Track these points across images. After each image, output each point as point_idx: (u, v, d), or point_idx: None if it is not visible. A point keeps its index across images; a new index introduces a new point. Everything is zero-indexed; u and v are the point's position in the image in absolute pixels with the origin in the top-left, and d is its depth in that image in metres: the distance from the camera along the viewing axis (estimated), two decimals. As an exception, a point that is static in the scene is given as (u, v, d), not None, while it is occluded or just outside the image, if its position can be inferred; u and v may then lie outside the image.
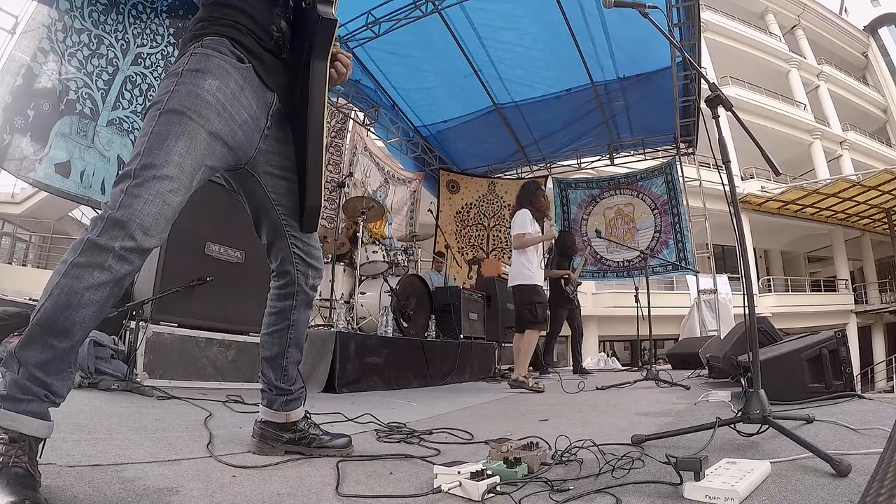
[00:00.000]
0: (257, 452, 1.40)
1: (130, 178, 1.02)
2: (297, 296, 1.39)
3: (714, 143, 1.65)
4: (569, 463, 1.32)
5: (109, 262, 0.96)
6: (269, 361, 1.41)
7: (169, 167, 1.04)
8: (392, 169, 8.28)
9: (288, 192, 1.33)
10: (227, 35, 1.20)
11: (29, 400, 0.92)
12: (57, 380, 0.95)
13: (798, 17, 21.25)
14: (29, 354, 0.92)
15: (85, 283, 0.95)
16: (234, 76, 1.17)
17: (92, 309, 0.96)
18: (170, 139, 1.05)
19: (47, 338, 0.93)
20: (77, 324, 0.95)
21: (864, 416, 1.79)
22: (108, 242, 0.97)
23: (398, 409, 2.67)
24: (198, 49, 1.17)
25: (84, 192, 4.00)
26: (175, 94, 1.10)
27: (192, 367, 2.77)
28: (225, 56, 1.18)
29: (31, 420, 0.91)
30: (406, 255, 5.30)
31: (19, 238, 16.35)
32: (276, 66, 1.28)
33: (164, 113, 1.08)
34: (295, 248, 1.36)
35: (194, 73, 1.13)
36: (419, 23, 5.82)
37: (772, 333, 3.24)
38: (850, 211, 16.44)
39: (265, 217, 1.35)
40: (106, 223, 0.98)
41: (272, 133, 1.30)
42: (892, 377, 15.76)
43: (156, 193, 1.01)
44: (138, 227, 0.98)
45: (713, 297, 7.64)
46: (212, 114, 1.11)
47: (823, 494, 1.01)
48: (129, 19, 4.36)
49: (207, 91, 1.12)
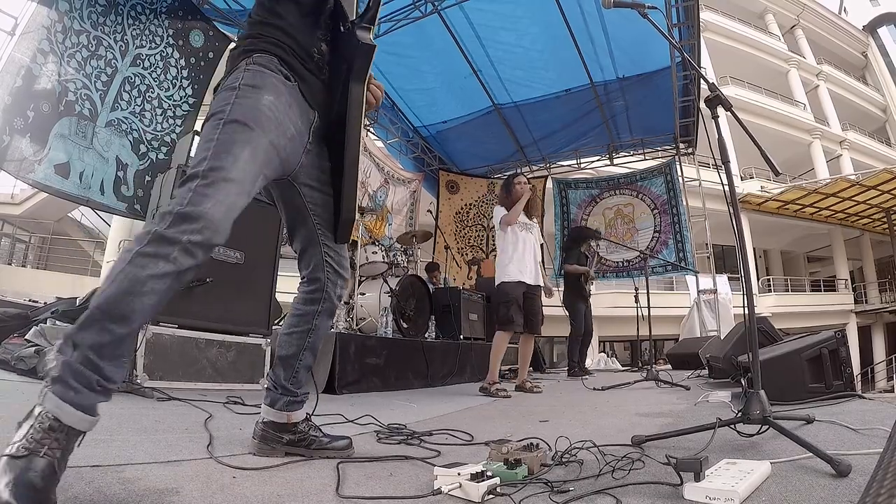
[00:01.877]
0: (258, 453, 1.41)
1: (199, 178, 1.06)
2: (324, 302, 1.45)
3: (714, 143, 1.65)
4: (569, 464, 1.32)
5: (175, 254, 0.99)
6: (282, 360, 1.45)
7: (235, 171, 1.09)
8: (392, 169, 8.28)
9: (324, 204, 1.41)
10: (275, 53, 1.26)
11: (77, 389, 0.91)
12: (110, 364, 0.95)
13: (797, 17, 21.26)
14: (85, 336, 0.93)
15: (149, 272, 0.97)
16: (284, 93, 1.25)
17: (152, 298, 0.98)
18: (236, 146, 1.12)
19: (106, 322, 0.94)
20: (136, 311, 0.96)
21: (865, 416, 1.80)
22: (177, 235, 1.00)
23: (398, 410, 2.67)
24: (251, 65, 1.23)
25: (83, 192, 4.00)
26: (236, 105, 1.16)
27: (191, 369, 2.76)
28: (275, 74, 1.25)
29: (75, 412, 0.90)
30: (406, 256, 5.30)
31: (19, 239, 16.35)
32: (317, 86, 1.35)
33: (227, 123, 1.14)
34: (328, 256, 1.44)
35: (252, 88, 1.20)
36: (419, 23, 5.82)
37: (772, 333, 3.24)
38: (849, 210, 16.44)
39: (301, 226, 1.42)
40: (175, 218, 1.01)
41: (312, 148, 1.37)
42: (892, 377, 15.75)
43: (225, 194, 1.07)
44: (207, 225, 1.03)
45: (713, 297, 7.64)
46: (270, 126, 1.19)
47: (823, 495, 1.01)
48: (128, 20, 4.36)
49: (265, 105, 1.19)
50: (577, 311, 5.90)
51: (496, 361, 3.65)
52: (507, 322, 3.63)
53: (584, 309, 5.95)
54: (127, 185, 4.30)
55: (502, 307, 3.68)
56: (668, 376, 4.20)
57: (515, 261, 3.75)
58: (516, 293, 3.68)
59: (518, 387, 3.85)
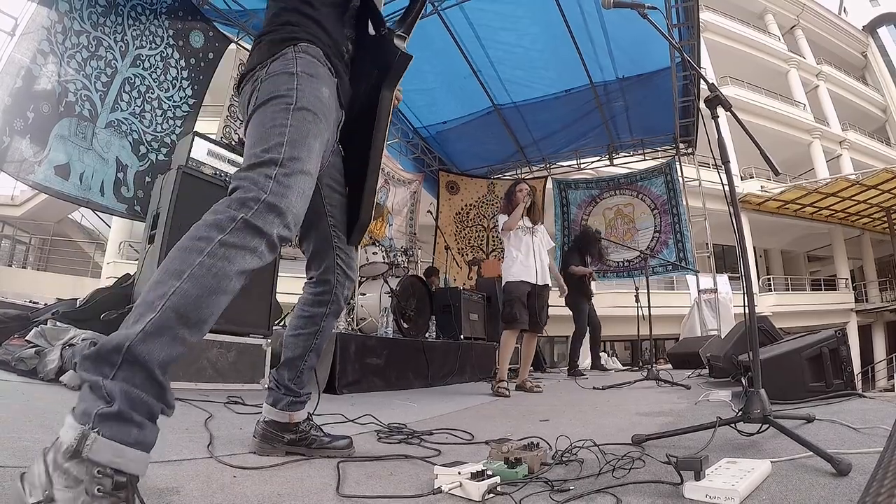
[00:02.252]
0: (258, 452, 1.41)
1: (277, 165, 0.97)
2: (332, 304, 1.43)
3: (714, 143, 1.65)
4: (569, 463, 1.32)
5: (263, 248, 0.88)
6: (288, 362, 1.45)
7: (310, 164, 1.03)
8: (392, 170, 8.28)
9: (339, 205, 1.39)
10: (321, 47, 1.21)
11: (141, 424, 0.69)
12: (169, 387, 0.76)
13: (797, 17, 21.26)
14: (155, 348, 0.72)
15: (238, 266, 0.84)
16: (331, 88, 1.21)
17: (228, 298, 0.83)
18: (310, 137, 1.05)
19: (181, 328, 0.76)
20: (215, 314, 0.81)
21: (865, 415, 1.80)
22: (268, 227, 0.89)
23: (399, 409, 2.67)
24: (300, 54, 1.15)
25: (83, 194, 4.00)
26: (301, 93, 1.08)
27: (192, 369, 2.76)
28: (324, 66, 1.20)
29: (140, 455, 0.69)
30: (406, 256, 5.30)
31: (19, 240, 16.35)
32: (346, 86, 1.32)
33: (297, 109, 1.06)
34: (339, 258, 1.41)
35: (310, 77, 1.13)
36: (418, 23, 5.77)
37: (772, 333, 3.24)
38: (849, 210, 16.43)
39: (316, 226, 1.37)
40: (262, 206, 0.90)
41: (335, 148, 1.36)
42: (892, 376, 15.73)
43: (305, 187, 1.00)
44: (294, 219, 0.94)
45: (713, 296, 7.64)
46: (330, 118, 1.16)
47: (824, 494, 1.01)
48: (129, 21, 4.36)
49: (324, 97, 1.14)
50: (580, 310, 5.95)
51: (504, 360, 3.72)
52: (511, 320, 3.68)
53: (588, 308, 6.00)
54: (127, 187, 4.31)
55: (506, 306, 3.75)
56: (669, 375, 4.20)
57: (518, 262, 3.82)
58: (519, 292, 3.73)
59: (518, 386, 3.86)
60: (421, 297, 4.90)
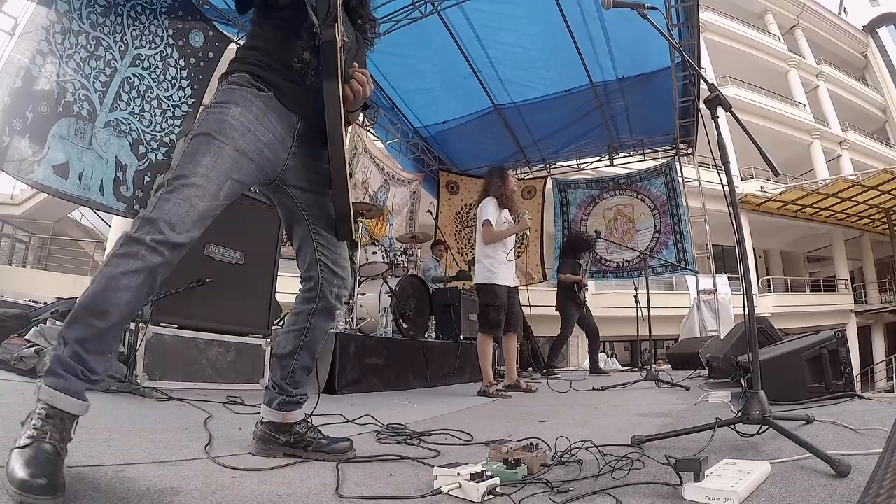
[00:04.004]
0: (256, 453, 1.42)
1: (164, 187, 1.19)
2: (319, 301, 1.47)
3: (713, 143, 1.65)
4: (568, 464, 1.32)
5: (142, 252, 1.10)
6: (279, 359, 1.48)
7: (195, 177, 1.19)
8: (392, 170, 8.28)
9: (317, 204, 1.46)
10: (248, 71, 1.36)
11: (66, 377, 1.02)
12: (95, 358, 1.06)
13: (797, 17, 21.26)
14: (70, 332, 1.05)
15: (121, 269, 1.09)
16: (255, 103, 1.32)
17: (126, 294, 1.09)
18: (198, 155, 1.22)
19: (88, 317, 1.06)
20: (113, 305, 1.07)
21: (864, 417, 1.80)
22: (141, 236, 1.12)
23: (398, 410, 2.67)
24: (224, 86, 1.35)
25: (83, 193, 4.00)
26: (205, 121, 1.28)
27: (191, 369, 2.76)
28: (246, 87, 1.33)
29: (67, 398, 1.01)
30: (406, 256, 5.30)
31: (19, 239, 16.34)
32: (299, 92, 1.40)
33: (195, 136, 1.26)
34: (321, 255, 1.47)
35: (220, 104, 1.31)
36: (418, 23, 5.82)
37: (771, 334, 3.24)
38: (849, 211, 16.44)
39: (296, 225, 1.48)
40: (141, 221, 1.15)
41: (300, 152, 1.42)
42: (891, 377, 15.76)
43: (183, 198, 1.17)
44: (166, 223, 1.13)
45: (713, 297, 7.64)
46: (236, 134, 1.27)
47: (823, 495, 1.01)
48: (128, 21, 4.36)
49: (231, 116, 1.28)
50: (568, 316, 6.01)
51: (487, 365, 3.66)
52: (495, 326, 3.67)
53: (577, 316, 6.07)
54: (126, 186, 4.30)
55: (493, 311, 3.66)
56: (668, 376, 4.20)
57: (503, 264, 3.75)
58: (505, 297, 3.71)
59: (510, 386, 3.80)
60: (420, 297, 4.90)
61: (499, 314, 3.64)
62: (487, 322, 3.68)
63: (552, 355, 6.17)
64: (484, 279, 3.72)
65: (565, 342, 6.23)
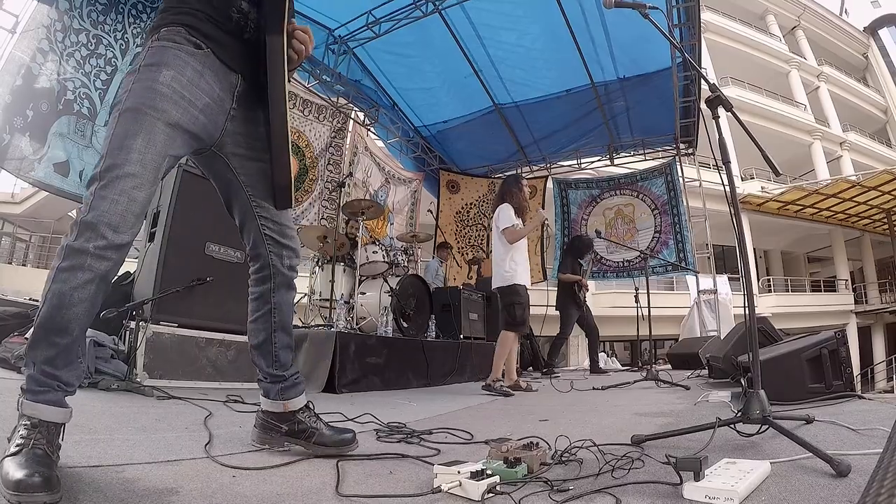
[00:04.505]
0: (257, 442, 1.40)
1: (97, 180, 1.08)
2: (275, 277, 1.39)
3: (714, 143, 1.65)
4: (569, 463, 1.32)
5: (89, 262, 1.04)
6: (257, 349, 1.41)
7: (130, 165, 1.08)
8: (393, 169, 8.28)
9: (258, 173, 1.34)
10: (183, 23, 1.20)
11: (45, 391, 1.03)
12: (66, 371, 1.05)
13: (798, 18, 21.24)
14: (36, 353, 1.04)
15: (71, 284, 1.04)
16: (190, 63, 1.19)
17: (83, 306, 1.05)
18: (128, 138, 1.10)
19: (49, 336, 1.04)
20: (72, 321, 1.04)
21: (864, 417, 1.79)
22: (84, 244, 1.04)
23: (398, 409, 2.67)
24: (154, 43, 1.19)
25: (83, 191, 4.00)
26: (132, 92, 1.14)
27: (191, 368, 2.76)
28: (181, 45, 1.19)
29: (48, 408, 1.02)
30: (406, 256, 5.30)
31: (19, 238, 16.34)
32: (238, 47, 1.28)
33: (122, 113, 1.13)
34: (266, 228, 1.37)
35: (149, 67, 1.16)
36: (419, 23, 5.81)
37: (772, 334, 3.24)
38: (850, 211, 16.43)
39: (234, 198, 1.36)
40: (80, 227, 1.05)
41: (238, 114, 1.30)
42: (892, 377, 15.76)
43: (120, 192, 1.07)
44: (107, 226, 1.05)
45: (713, 297, 7.64)
46: (168, 105, 1.14)
47: (823, 495, 1.01)
48: (129, 19, 4.36)
49: (162, 83, 1.14)
50: (568, 315, 6.03)
51: (502, 361, 3.70)
52: (521, 324, 3.74)
53: (577, 315, 6.08)
54: (127, 184, 4.30)
55: (518, 308, 3.72)
56: (668, 376, 4.20)
57: (520, 262, 3.83)
58: (527, 295, 3.80)
59: (513, 386, 3.80)
60: (421, 296, 4.90)
61: (524, 311, 3.72)
62: (514, 320, 3.73)
63: (552, 355, 6.18)
64: (503, 281, 3.79)
65: (565, 341, 6.23)
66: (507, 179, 4.17)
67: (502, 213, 3.85)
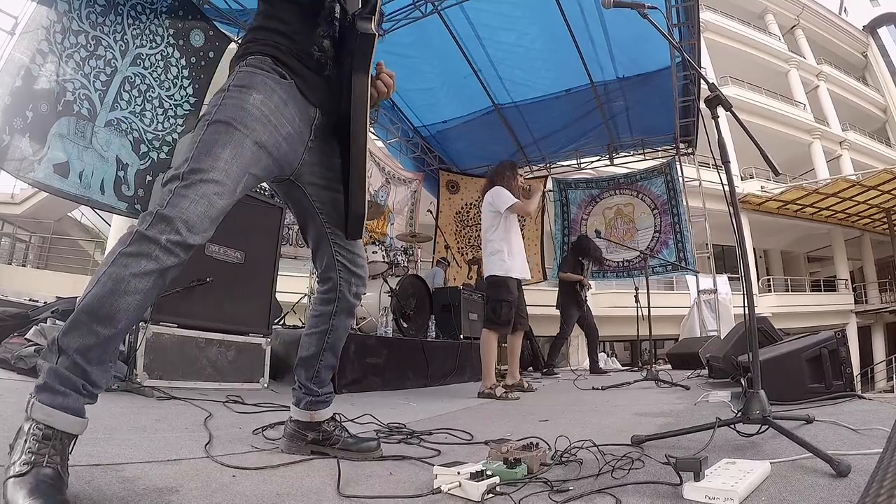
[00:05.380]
0: (284, 450, 1.44)
1: (179, 180, 1.08)
2: (339, 302, 1.45)
3: (714, 143, 1.65)
4: (568, 463, 1.32)
5: (157, 252, 1.01)
6: (303, 361, 1.46)
7: (215, 172, 1.10)
8: (392, 169, 8.28)
9: (332, 202, 1.40)
10: (269, 54, 1.26)
11: (65, 393, 0.92)
12: (97, 369, 0.96)
13: (797, 17, 21.25)
14: (71, 340, 0.94)
15: (132, 271, 0.99)
16: (277, 91, 1.23)
17: (137, 297, 0.99)
18: (217, 147, 1.12)
19: (92, 324, 0.95)
20: (121, 310, 0.97)
21: (864, 417, 1.79)
22: (156, 235, 1.01)
23: (398, 409, 2.67)
24: (243, 67, 1.24)
25: (83, 192, 4.00)
26: (222, 107, 1.17)
27: (191, 368, 2.76)
28: (268, 73, 1.24)
29: (65, 416, 0.91)
30: (406, 256, 5.30)
31: (19, 238, 16.33)
32: (318, 82, 1.33)
33: (211, 123, 1.15)
34: (339, 255, 1.43)
35: (240, 88, 1.20)
36: (419, 23, 5.82)
37: (772, 333, 3.24)
38: (849, 211, 16.43)
39: (311, 224, 1.43)
40: (154, 218, 1.03)
41: (316, 146, 1.36)
42: (892, 377, 15.76)
43: (202, 195, 1.07)
44: (183, 223, 1.03)
45: (713, 297, 7.64)
46: (257, 125, 1.18)
47: (823, 495, 1.01)
48: (128, 20, 4.36)
49: (252, 104, 1.18)
50: (569, 315, 6.02)
51: (491, 365, 3.44)
52: (505, 324, 3.47)
53: (577, 315, 6.06)
54: (127, 185, 4.30)
55: (504, 307, 3.43)
56: (668, 376, 4.20)
57: (517, 254, 3.55)
58: (517, 294, 3.56)
59: (513, 386, 3.76)
60: (420, 296, 4.90)
61: (510, 311, 3.44)
62: (498, 319, 3.43)
63: (552, 355, 6.16)
64: (500, 270, 3.48)
65: (565, 341, 6.22)
66: (502, 163, 3.83)
67: (498, 194, 3.52)
